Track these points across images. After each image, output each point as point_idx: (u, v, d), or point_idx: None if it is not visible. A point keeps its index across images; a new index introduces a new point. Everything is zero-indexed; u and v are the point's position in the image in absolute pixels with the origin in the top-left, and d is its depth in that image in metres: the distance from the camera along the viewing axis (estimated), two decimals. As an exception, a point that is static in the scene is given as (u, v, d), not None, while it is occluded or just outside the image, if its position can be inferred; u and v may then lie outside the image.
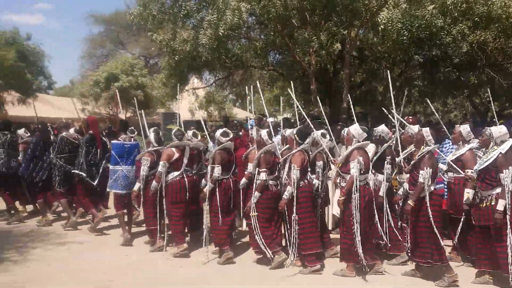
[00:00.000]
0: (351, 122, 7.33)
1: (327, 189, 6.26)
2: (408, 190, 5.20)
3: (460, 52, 11.20)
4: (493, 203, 4.70)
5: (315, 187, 5.68)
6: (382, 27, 8.85)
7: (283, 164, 5.66)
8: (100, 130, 7.84)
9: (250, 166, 5.83)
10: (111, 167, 6.85)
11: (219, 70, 14.19)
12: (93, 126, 7.31)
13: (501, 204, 4.57)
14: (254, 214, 5.50)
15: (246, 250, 6.07)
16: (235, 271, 5.46)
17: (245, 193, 5.95)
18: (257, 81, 9.24)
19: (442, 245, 4.96)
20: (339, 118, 10.58)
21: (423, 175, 4.89)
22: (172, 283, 5.08)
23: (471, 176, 5.17)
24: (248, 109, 8.47)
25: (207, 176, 5.95)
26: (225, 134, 6.07)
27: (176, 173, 6.22)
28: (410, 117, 8.04)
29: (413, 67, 14.08)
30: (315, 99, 9.05)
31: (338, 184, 5.53)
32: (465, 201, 5.21)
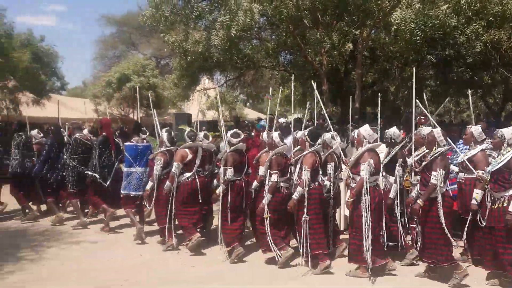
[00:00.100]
0: (363, 122, 7.31)
1: (339, 190, 6.25)
2: (419, 191, 5.17)
3: (474, 52, 11.10)
4: (505, 205, 4.69)
5: (327, 189, 5.68)
6: (395, 27, 8.79)
7: (295, 165, 5.67)
8: (113, 131, 7.92)
9: (262, 169, 5.82)
10: (125, 169, 6.91)
11: (230, 71, 14.24)
12: (106, 128, 7.39)
13: None
14: (267, 216, 5.50)
15: (256, 250, 6.06)
16: (245, 271, 5.46)
17: (256, 195, 5.95)
18: (270, 82, 9.26)
19: (451, 246, 4.95)
20: (348, 119, 10.54)
21: (436, 176, 4.85)
22: (184, 282, 5.11)
23: (483, 177, 5.12)
24: (269, 111, 8.51)
25: (219, 177, 5.97)
26: (236, 135, 6.07)
27: (188, 174, 6.25)
28: (422, 117, 7.99)
29: (426, 67, 13.97)
30: (327, 100, 9.07)
31: (349, 185, 5.52)
32: (473, 201, 5.17)
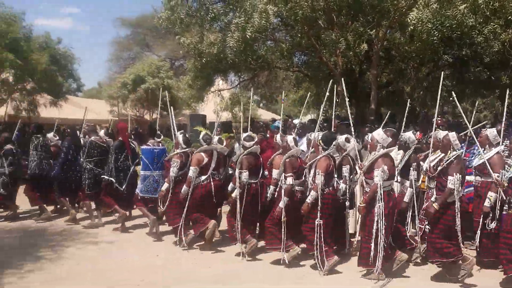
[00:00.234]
0: (379, 123, 7.26)
1: (353, 193, 6.22)
2: (435, 195, 5.12)
3: (491, 51, 10.93)
4: None
5: (343, 191, 5.66)
6: (412, 28, 8.67)
7: (309, 170, 5.64)
8: (128, 133, 8.00)
9: (275, 172, 5.82)
10: (142, 172, 6.99)
11: (244, 72, 14.27)
12: (122, 133, 7.46)
13: None
14: (284, 220, 5.48)
15: (265, 251, 6.05)
16: (255, 270, 5.49)
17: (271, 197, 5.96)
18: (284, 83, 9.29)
19: (460, 245, 4.96)
20: (363, 119, 10.50)
21: (452, 181, 4.81)
22: (197, 281, 5.16)
23: (499, 181, 5.04)
24: (282, 113, 8.52)
25: (235, 180, 5.97)
26: (250, 139, 6.08)
27: (204, 177, 6.26)
28: (438, 119, 7.90)
29: (442, 67, 13.81)
30: (343, 101, 8.99)
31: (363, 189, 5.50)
32: (486, 204, 5.10)
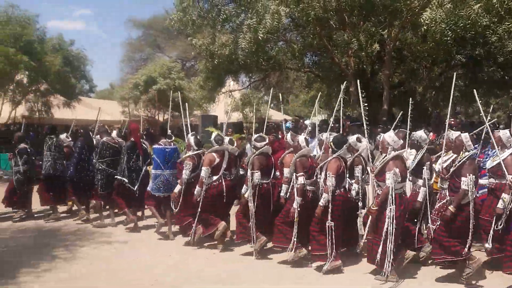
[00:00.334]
0: (391, 124, 7.23)
1: (365, 194, 6.20)
2: (449, 197, 5.08)
3: (505, 51, 10.81)
4: None
5: (356, 192, 5.65)
6: (425, 28, 8.59)
7: (320, 171, 5.65)
8: (140, 134, 8.07)
9: (286, 171, 5.84)
10: (153, 171, 7.05)
11: (255, 72, 14.30)
12: (134, 133, 7.54)
13: None
14: (297, 219, 5.49)
15: (269, 251, 6.10)
16: (255, 270, 5.51)
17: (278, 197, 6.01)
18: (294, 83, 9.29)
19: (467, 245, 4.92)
20: (375, 120, 10.44)
21: (466, 182, 4.78)
22: (203, 281, 5.19)
23: None
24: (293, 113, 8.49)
25: (247, 181, 5.99)
26: (261, 139, 6.11)
27: (215, 177, 6.30)
28: (452, 119, 7.83)
29: (454, 67, 13.68)
30: (355, 101, 8.98)
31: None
32: (500, 205, 5.03)
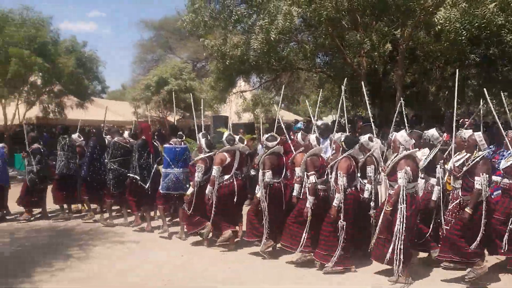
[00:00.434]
0: (403, 124, 7.18)
1: (377, 193, 6.17)
2: (462, 196, 5.04)
3: (521, 50, 10.65)
4: None
5: (369, 192, 5.62)
6: (439, 27, 8.47)
7: (331, 171, 5.65)
8: (152, 134, 8.13)
9: (298, 170, 5.84)
10: (163, 170, 7.11)
11: (267, 73, 14.29)
12: (146, 132, 7.61)
13: None
14: (310, 219, 5.49)
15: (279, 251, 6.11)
16: (255, 271, 5.55)
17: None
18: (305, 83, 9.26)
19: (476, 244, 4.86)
20: (388, 120, 10.36)
21: (480, 181, 4.74)
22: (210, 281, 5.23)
23: None
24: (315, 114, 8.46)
25: (259, 182, 6.02)
26: (272, 139, 6.12)
27: (227, 177, 6.36)
28: (466, 120, 7.76)
29: (468, 66, 13.52)
30: (367, 102, 8.89)
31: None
32: None
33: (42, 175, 8.21)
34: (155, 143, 7.77)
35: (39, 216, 8.41)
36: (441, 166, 5.54)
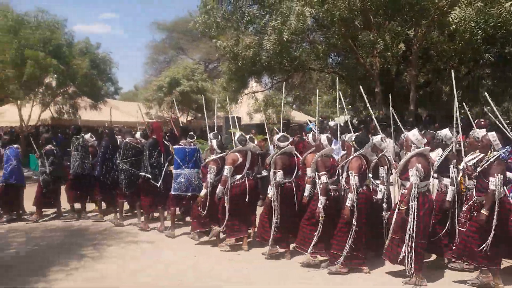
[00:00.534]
0: (417, 125, 7.12)
1: (389, 194, 6.13)
2: (476, 197, 4.97)
3: (537, 49, 10.47)
4: None
5: (382, 193, 5.58)
6: (454, 27, 8.35)
7: (342, 171, 5.63)
8: (163, 134, 8.19)
9: (309, 170, 5.84)
10: (174, 171, 7.16)
11: (279, 73, 14.30)
12: (157, 132, 7.66)
13: None
14: (322, 219, 5.48)
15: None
16: (262, 271, 5.56)
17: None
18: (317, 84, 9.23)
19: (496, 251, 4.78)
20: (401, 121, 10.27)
21: (494, 182, 4.67)
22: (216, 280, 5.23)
23: None
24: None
25: (271, 181, 6.02)
26: (284, 139, 6.13)
27: (238, 176, 6.38)
28: (482, 120, 7.66)
29: (482, 66, 13.34)
30: (380, 101, 8.85)
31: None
32: None
33: (55, 176, 8.31)
34: (166, 143, 7.83)
35: (54, 216, 8.52)
36: (455, 166, 5.48)
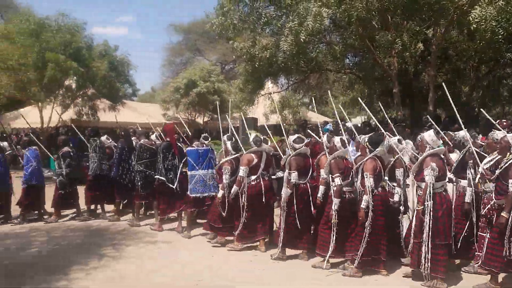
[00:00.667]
0: (437, 126, 7.01)
1: (406, 197, 6.05)
2: (495, 200, 4.88)
3: (560, 48, 10.21)
4: None
5: (398, 195, 5.53)
6: (474, 26, 8.19)
7: (356, 173, 5.59)
8: (177, 137, 8.25)
9: (323, 172, 5.82)
10: (189, 173, 7.21)
11: (295, 74, 14.27)
12: (170, 134, 7.72)
13: None
14: (335, 221, 5.46)
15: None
16: (274, 272, 5.57)
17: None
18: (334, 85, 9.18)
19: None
20: (419, 121, 10.14)
21: None
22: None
23: None
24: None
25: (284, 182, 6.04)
26: (300, 140, 6.13)
27: (254, 177, 6.41)
28: (504, 121, 7.53)
29: (503, 65, 13.08)
30: (398, 102, 8.75)
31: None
32: None
33: (72, 177, 8.44)
34: (180, 145, 7.90)
35: (74, 216, 8.67)
36: (471, 167, 5.39)
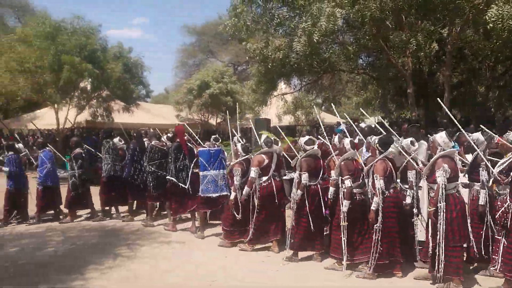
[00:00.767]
0: (452, 127, 6.93)
1: (418, 199, 5.99)
2: (510, 203, 4.81)
3: None
4: None
5: (411, 197, 5.48)
6: (491, 25, 8.06)
7: (367, 175, 5.57)
8: (188, 139, 8.31)
9: (333, 173, 5.81)
10: (201, 173, 7.26)
11: (308, 75, 14.24)
12: (180, 135, 7.77)
13: None
14: (344, 224, 5.44)
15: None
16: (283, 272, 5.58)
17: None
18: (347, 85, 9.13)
19: None
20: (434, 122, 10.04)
21: None
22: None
23: None
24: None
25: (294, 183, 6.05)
26: (310, 142, 6.13)
27: (265, 178, 6.44)
28: (520, 121, 7.38)
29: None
30: (412, 102, 8.65)
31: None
32: None
33: (84, 179, 8.53)
34: (190, 145, 7.94)
35: (89, 217, 8.78)
36: (484, 169, 5.31)
